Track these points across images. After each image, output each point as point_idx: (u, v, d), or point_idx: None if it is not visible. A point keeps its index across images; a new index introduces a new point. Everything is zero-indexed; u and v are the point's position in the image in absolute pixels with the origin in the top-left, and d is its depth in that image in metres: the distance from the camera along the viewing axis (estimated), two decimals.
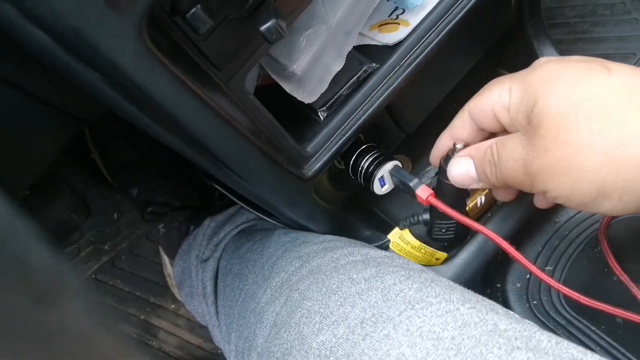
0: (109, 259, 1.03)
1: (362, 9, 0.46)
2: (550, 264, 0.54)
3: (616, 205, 0.35)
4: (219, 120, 0.38)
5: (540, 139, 0.36)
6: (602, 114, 0.34)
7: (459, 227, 0.50)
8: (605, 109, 0.34)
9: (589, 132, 0.34)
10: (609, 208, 0.35)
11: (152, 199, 0.86)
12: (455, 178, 0.44)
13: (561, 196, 0.37)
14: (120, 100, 0.35)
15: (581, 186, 0.35)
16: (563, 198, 0.37)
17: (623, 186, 0.34)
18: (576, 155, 0.35)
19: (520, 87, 0.39)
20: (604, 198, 0.35)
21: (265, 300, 0.50)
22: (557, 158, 0.36)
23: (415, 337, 0.36)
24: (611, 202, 0.35)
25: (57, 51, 0.30)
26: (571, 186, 0.36)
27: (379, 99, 0.48)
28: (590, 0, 0.91)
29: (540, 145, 0.36)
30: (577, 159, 0.35)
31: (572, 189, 0.36)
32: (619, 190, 0.34)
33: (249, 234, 0.67)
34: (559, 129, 0.36)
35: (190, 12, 0.32)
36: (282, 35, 0.35)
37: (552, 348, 0.34)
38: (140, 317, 0.99)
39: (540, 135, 0.36)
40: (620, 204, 0.35)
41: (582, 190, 0.35)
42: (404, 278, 0.43)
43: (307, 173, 0.47)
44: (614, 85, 0.35)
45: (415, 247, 0.53)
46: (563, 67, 0.37)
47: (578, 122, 0.35)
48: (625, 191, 0.34)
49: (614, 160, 0.33)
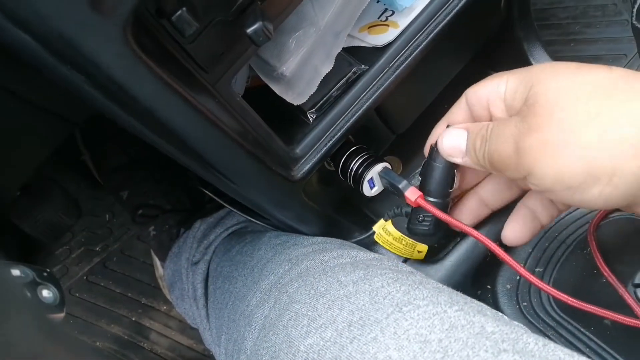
0: (100, 260, 1.03)
1: (351, 11, 0.46)
2: (540, 266, 0.54)
3: (604, 190, 0.33)
4: (206, 122, 0.38)
5: (534, 117, 0.36)
6: (601, 96, 0.34)
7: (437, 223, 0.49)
8: (604, 91, 0.34)
9: (586, 111, 0.34)
10: (596, 193, 0.34)
11: (143, 201, 0.85)
12: (445, 148, 0.44)
13: (548, 176, 0.35)
14: (107, 103, 0.35)
15: (571, 164, 0.34)
16: (549, 179, 0.35)
17: (614, 166, 0.33)
18: (570, 132, 0.34)
19: (519, 76, 0.40)
20: (594, 181, 0.34)
21: (254, 302, 0.49)
22: (549, 134, 0.35)
23: (402, 340, 0.36)
24: (599, 186, 0.33)
25: (42, 53, 0.30)
26: (561, 164, 0.34)
27: (369, 100, 0.48)
28: (582, 2, 0.92)
29: (534, 122, 0.36)
30: (571, 135, 0.34)
31: (561, 167, 0.34)
32: (609, 171, 0.33)
33: (240, 236, 0.67)
34: (554, 107, 0.35)
35: (175, 14, 0.32)
36: (268, 38, 0.35)
37: (539, 350, 0.34)
38: (132, 318, 0.98)
39: (535, 113, 0.36)
40: (608, 188, 0.33)
41: (571, 169, 0.34)
42: (392, 281, 0.43)
43: (297, 175, 0.47)
44: (614, 75, 0.35)
45: (396, 238, 0.53)
46: (564, 63, 0.38)
47: (576, 101, 0.35)
48: (615, 173, 0.33)
49: (608, 139, 0.33)
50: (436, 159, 0.45)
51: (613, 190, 0.33)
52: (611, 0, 0.91)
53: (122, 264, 1.02)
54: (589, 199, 0.35)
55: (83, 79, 0.32)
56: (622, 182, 0.33)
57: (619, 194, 0.33)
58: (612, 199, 0.34)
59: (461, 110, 0.45)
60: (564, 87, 0.36)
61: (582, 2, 0.92)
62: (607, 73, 0.35)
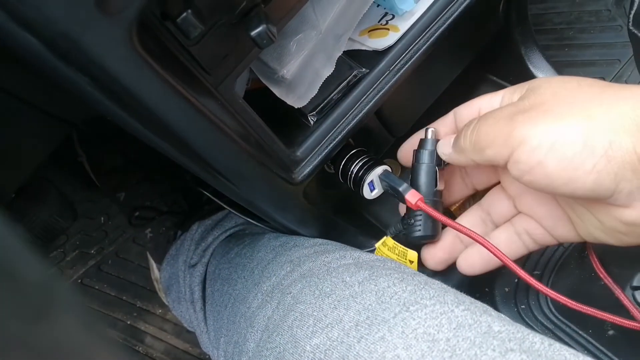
0: (95, 263, 1.02)
1: (352, 15, 0.46)
2: (538, 269, 0.55)
3: (598, 164, 0.33)
4: (209, 124, 0.38)
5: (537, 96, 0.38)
6: (603, 84, 0.37)
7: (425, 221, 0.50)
8: (606, 83, 0.37)
9: (590, 92, 0.36)
10: (589, 168, 0.34)
11: (140, 203, 0.85)
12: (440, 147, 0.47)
13: (543, 145, 0.35)
14: (110, 105, 0.35)
15: (571, 131, 0.34)
16: (544, 148, 0.35)
17: (611, 139, 0.33)
18: (573, 104, 0.35)
19: (514, 88, 0.42)
20: (589, 152, 0.34)
21: (256, 304, 0.49)
22: (552, 104, 0.36)
23: (410, 339, 0.37)
24: (594, 159, 0.33)
25: (47, 55, 0.30)
26: (560, 129, 0.34)
27: (369, 103, 0.48)
28: (576, 7, 0.93)
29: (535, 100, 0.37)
30: (574, 107, 0.35)
31: (560, 132, 0.34)
32: (606, 143, 0.33)
33: (238, 238, 0.67)
34: (559, 88, 0.37)
35: (181, 17, 0.32)
36: (272, 41, 0.35)
37: (545, 350, 0.34)
38: (127, 322, 0.98)
39: (539, 93, 0.38)
40: (602, 162, 0.33)
41: (570, 136, 0.34)
42: (398, 280, 0.43)
43: (297, 177, 0.47)
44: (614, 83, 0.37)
45: (390, 247, 0.53)
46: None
47: (580, 86, 0.37)
48: (612, 145, 0.33)
49: (609, 112, 0.34)
50: (419, 160, 0.49)
51: (606, 165, 0.34)
52: (605, 6, 0.91)
53: (117, 267, 1.02)
54: (579, 175, 0.34)
55: (87, 80, 0.32)
56: (617, 156, 0.33)
57: (611, 170, 0.34)
58: (602, 176, 0.34)
59: (447, 122, 0.48)
60: (567, 80, 0.38)
61: (576, 8, 0.93)
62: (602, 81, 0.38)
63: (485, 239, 0.43)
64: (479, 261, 0.48)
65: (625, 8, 0.90)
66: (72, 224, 1.01)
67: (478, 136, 0.39)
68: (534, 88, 0.39)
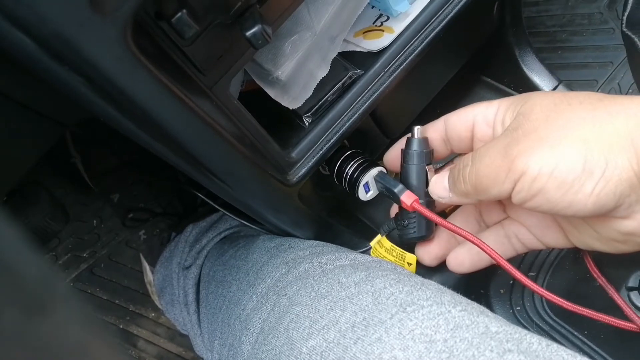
0: (87, 266, 1.01)
1: (346, 16, 0.46)
2: (533, 270, 0.55)
3: (597, 186, 0.34)
4: (203, 125, 0.38)
5: (529, 122, 0.37)
6: (594, 101, 0.36)
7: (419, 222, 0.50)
8: (597, 98, 0.36)
9: (581, 110, 0.36)
10: (589, 190, 0.34)
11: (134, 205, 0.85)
12: (432, 189, 0.46)
13: (543, 173, 0.35)
14: (104, 105, 0.35)
15: (569, 157, 0.34)
16: (544, 176, 0.35)
17: (607, 159, 0.34)
18: (566, 127, 0.35)
19: (510, 98, 0.41)
20: (588, 175, 0.34)
21: (251, 306, 0.49)
22: (546, 132, 0.36)
23: (407, 340, 0.36)
24: (593, 181, 0.34)
25: (40, 55, 0.30)
26: (558, 157, 0.35)
27: (364, 105, 0.48)
28: (569, 10, 0.93)
29: (528, 126, 0.37)
30: (567, 131, 0.35)
31: (558, 160, 0.35)
32: (603, 164, 0.34)
33: (232, 240, 0.67)
34: (550, 111, 0.37)
35: (175, 16, 0.31)
36: (267, 41, 0.35)
37: (542, 350, 0.34)
38: (119, 325, 0.97)
39: (530, 119, 0.37)
40: (601, 183, 0.34)
41: (569, 162, 0.34)
42: (394, 281, 0.43)
43: (292, 179, 0.47)
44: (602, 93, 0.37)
45: (387, 249, 0.53)
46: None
47: (571, 105, 0.36)
48: (608, 165, 0.34)
49: (602, 132, 0.34)
50: (407, 161, 0.48)
51: (605, 186, 0.34)
52: (597, 9, 0.92)
53: (110, 271, 1.01)
54: (580, 198, 0.35)
55: (81, 81, 0.31)
56: (614, 176, 0.34)
57: (610, 190, 0.34)
58: (602, 197, 0.34)
59: (435, 130, 0.47)
60: (558, 99, 0.37)
61: (569, 11, 0.93)
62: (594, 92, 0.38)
63: (481, 240, 0.43)
64: (468, 260, 0.48)
65: (618, 11, 0.90)
66: (64, 227, 1.00)
67: (478, 179, 0.39)
68: (525, 113, 0.38)
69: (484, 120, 0.43)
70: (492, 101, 0.43)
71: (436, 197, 0.46)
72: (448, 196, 0.44)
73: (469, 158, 0.41)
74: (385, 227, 0.53)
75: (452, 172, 0.43)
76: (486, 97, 0.70)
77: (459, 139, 0.46)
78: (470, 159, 0.40)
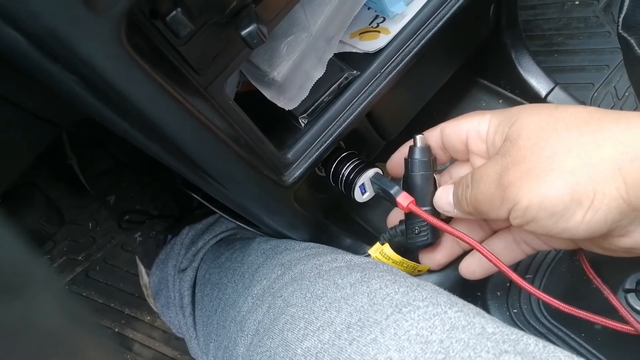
0: (82, 269, 1.01)
1: (343, 17, 0.46)
2: (529, 272, 0.54)
3: (586, 215, 0.35)
4: (198, 125, 0.38)
5: (517, 150, 0.38)
6: (580, 125, 0.36)
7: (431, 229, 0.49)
8: (583, 120, 0.36)
9: (568, 138, 0.36)
10: (579, 219, 0.35)
11: (130, 207, 0.84)
12: (437, 203, 0.47)
13: (533, 204, 0.36)
14: (98, 104, 0.34)
15: (556, 189, 0.35)
16: (535, 207, 0.36)
17: (595, 189, 0.34)
18: (553, 158, 0.36)
19: (500, 115, 0.42)
20: (577, 205, 0.35)
21: (246, 308, 0.49)
22: (533, 163, 0.37)
23: (403, 340, 0.36)
24: (582, 211, 0.35)
25: (33, 53, 0.29)
26: (545, 190, 0.36)
27: (360, 106, 0.48)
28: (565, 14, 0.93)
29: (517, 155, 0.38)
30: (554, 162, 0.36)
31: (546, 192, 0.36)
32: (590, 194, 0.34)
33: (229, 243, 0.66)
34: (537, 139, 0.37)
35: (170, 15, 0.31)
36: (263, 41, 0.35)
37: (539, 352, 0.34)
38: (115, 329, 0.97)
39: (518, 147, 0.38)
40: (590, 212, 0.35)
41: (556, 194, 0.35)
42: (390, 282, 0.42)
43: (288, 180, 0.47)
44: (590, 109, 0.38)
45: (397, 261, 0.52)
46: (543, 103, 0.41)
47: (557, 131, 0.37)
48: (596, 195, 0.34)
49: (589, 162, 0.35)
50: (414, 170, 0.48)
51: (594, 215, 0.35)
52: (593, 13, 0.92)
53: (105, 274, 1.00)
54: (571, 226, 0.36)
55: (75, 79, 0.31)
56: (603, 205, 0.34)
57: (600, 218, 0.35)
58: (593, 224, 0.35)
59: (432, 142, 0.48)
60: (544, 121, 0.38)
61: (565, 14, 0.93)
62: (582, 108, 0.38)
63: (479, 244, 0.43)
64: (479, 268, 0.49)
65: (614, 14, 0.91)
66: (59, 230, 1.00)
67: (478, 202, 0.41)
68: (513, 139, 0.39)
69: (477, 135, 0.44)
70: (484, 115, 0.44)
71: (442, 211, 0.47)
72: (454, 212, 0.45)
73: (469, 178, 0.42)
74: (386, 235, 0.52)
75: (456, 190, 0.44)
76: (482, 99, 0.70)
77: (454, 150, 0.47)
78: (470, 181, 0.42)
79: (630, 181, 0.33)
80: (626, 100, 0.82)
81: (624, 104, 0.82)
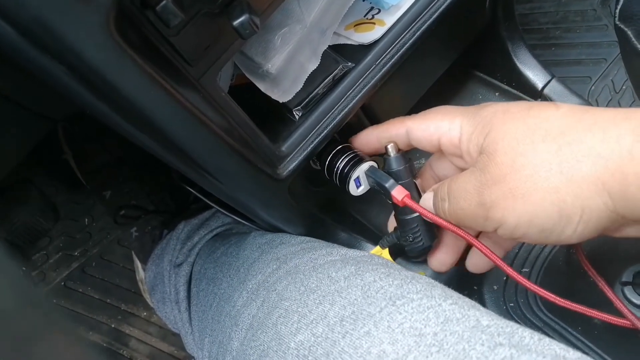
0: (78, 265, 1.00)
1: (337, 8, 0.46)
2: (526, 266, 0.54)
3: (577, 228, 0.35)
4: (191, 118, 0.37)
5: (495, 166, 0.37)
6: (556, 135, 0.35)
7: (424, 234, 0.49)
8: (558, 130, 0.35)
9: (546, 152, 0.35)
10: (570, 233, 0.35)
11: (126, 202, 0.84)
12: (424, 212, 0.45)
13: (521, 224, 0.36)
14: (89, 96, 0.34)
15: (543, 209, 0.35)
16: (523, 226, 0.36)
17: (582, 205, 0.34)
18: (535, 177, 0.35)
19: (472, 121, 0.40)
20: (566, 221, 0.35)
21: (241, 303, 0.48)
22: (516, 181, 0.36)
23: (396, 333, 0.36)
24: (572, 225, 0.35)
25: (20, 43, 0.29)
26: (533, 209, 0.35)
27: (355, 98, 0.47)
28: (562, 7, 0.93)
29: (496, 172, 0.37)
30: (537, 181, 0.35)
31: (533, 212, 0.35)
32: (579, 210, 0.34)
33: (224, 237, 0.66)
34: (515, 153, 0.36)
35: (160, 4, 0.31)
36: (255, 31, 0.34)
37: (534, 344, 0.33)
38: (111, 325, 0.96)
39: (496, 163, 0.37)
40: (581, 226, 0.34)
41: (544, 213, 0.35)
42: (384, 275, 0.42)
43: (282, 173, 0.46)
44: (563, 113, 0.36)
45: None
46: (513, 103, 0.39)
47: (534, 144, 0.36)
48: (584, 211, 0.34)
49: (571, 179, 0.34)
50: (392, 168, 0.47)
51: (586, 227, 0.35)
52: (590, 6, 0.92)
53: (102, 269, 1.00)
54: (564, 238, 0.36)
55: (64, 70, 0.31)
56: (592, 218, 0.34)
57: (592, 229, 0.35)
58: (586, 234, 0.35)
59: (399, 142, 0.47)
60: (519, 131, 0.37)
61: (562, 8, 0.93)
62: (555, 110, 0.37)
63: (474, 238, 0.43)
64: (481, 261, 0.48)
65: (611, 8, 0.90)
66: (54, 226, 0.99)
67: (458, 218, 0.40)
68: (489, 152, 0.37)
69: (450, 142, 0.42)
70: (454, 119, 0.42)
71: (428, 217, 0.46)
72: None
73: (445, 192, 0.41)
74: (385, 240, 0.52)
75: (434, 201, 0.43)
76: (479, 92, 0.69)
77: (425, 149, 0.45)
78: (446, 195, 0.41)
79: (615, 194, 0.33)
80: (623, 94, 0.82)
81: (621, 97, 0.82)
